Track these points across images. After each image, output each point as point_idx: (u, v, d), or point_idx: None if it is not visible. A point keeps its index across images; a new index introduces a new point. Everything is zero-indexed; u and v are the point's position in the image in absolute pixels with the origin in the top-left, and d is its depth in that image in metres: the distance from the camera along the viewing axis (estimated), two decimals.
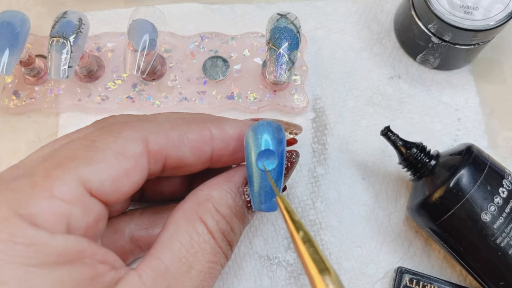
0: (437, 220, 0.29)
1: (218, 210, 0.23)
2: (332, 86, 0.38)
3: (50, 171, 0.20)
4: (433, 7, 0.33)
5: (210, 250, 0.22)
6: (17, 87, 0.37)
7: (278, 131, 0.23)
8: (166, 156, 0.23)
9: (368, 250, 0.34)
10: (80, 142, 0.21)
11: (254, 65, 0.38)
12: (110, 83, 0.37)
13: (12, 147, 0.36)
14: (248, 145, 0.23)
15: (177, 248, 0.21)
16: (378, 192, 0.35)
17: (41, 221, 0.18)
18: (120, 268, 0.21)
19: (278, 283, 0.33)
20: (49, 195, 0.19)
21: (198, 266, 0.22)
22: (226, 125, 0.25)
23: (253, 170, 0.23)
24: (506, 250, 0.28)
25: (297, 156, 0.28)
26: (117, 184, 0.21)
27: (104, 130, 0.22)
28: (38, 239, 0.18)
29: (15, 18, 0.33)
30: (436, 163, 0.31)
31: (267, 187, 0.23)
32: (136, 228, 0.28)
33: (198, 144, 0.24)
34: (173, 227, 0.22)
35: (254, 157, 0.23)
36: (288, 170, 0.27)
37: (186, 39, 0.39)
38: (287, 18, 0.33)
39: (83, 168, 0.20)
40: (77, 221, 0.20)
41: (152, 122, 0.23)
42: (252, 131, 0.23)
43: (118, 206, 0.28)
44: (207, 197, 0.23)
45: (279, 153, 0.23)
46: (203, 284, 0.22)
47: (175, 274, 0.21)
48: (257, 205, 0.23)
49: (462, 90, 0.38)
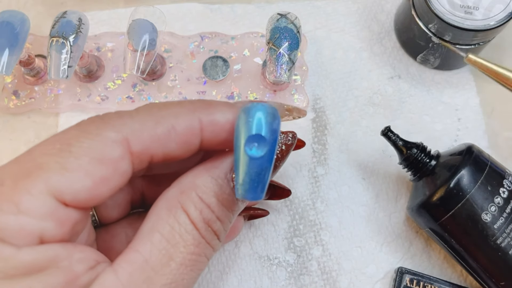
0: (438, 220, 0.29)
1: (202, 198, 0.22)
2: (332, 86, 0.38)
3: (19, 180, 0.19)
4: (433, 7, 0.33)
5: (192, 241, 0.21)
6: (16, 87, 0.37)
7: (273, 115, 0.21)
8: (152, 154, 0.22)
9: (368, 250, 0.34)
10: (55, 145, 0.20)
11: (254, 65, 0.38)
12: (110, 83, 0.37)
13: (11, 147, 0.36)
14: (238, 128, 0.21)
15: (157, 239, 0.20)
16: (378, 192, 0.35)
17: (7, 237, 0.18)
18: (100, 264, 0.20)
19: (278, 283, 0.33)
20: (16, 210, 0.18)
21: (178, 258, 0.21)
22: (217, 112, 0.23)
23: (240, 155, 0.21)
24: (507, 250, 0.28)
25: (294, 138, 0.25)
26: (93, 192, 0.20)
27: (82, 130, 0.21)
28: (4, 254, 0.18)
29: (15, 18, 0.33)
30: (437, 163, 0.31)
31: (253, 174, 0.21)
32: (132, 233, 0.27)
33: (186, 137, 0.22)
34: (154, 217, 0.21)
35: (243, 141, 0.21)
36: (283, 154, 0.25)
37: (186, 39, 0.38)
38: (287, 18, 0.33)
39: (55, 179, 0.19)
40: (51, 233, 0.19)
41: (135, 118, 0.22)
42: (244, 113, 0.21)
43: (116, 213, 0.27)
44: (190, 185, 0.22)
45: (271, 140, 0.21)
46: (183, 277, 0.21)
47: (154, 267, 0.20)
48: (241, 193, 0.21)
49: (462, 90, 0.38)
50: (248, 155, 0.21)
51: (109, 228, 0.27)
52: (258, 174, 0.21)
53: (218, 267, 0.33)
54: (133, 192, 0.28)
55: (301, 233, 0.34)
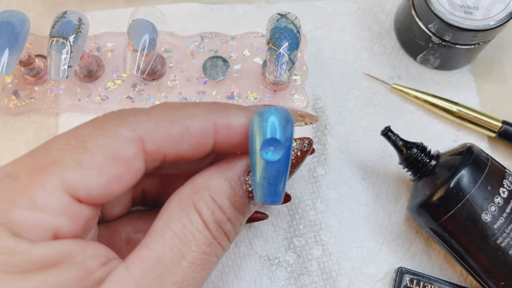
0: (438, 220, 0.29)
1: (215, 199, 0.22)
2: (332, 86, 0.38)
3: (34, 176, 0.19)
4: (433, 7, 0.33)
5: (203, 241, 0.21)
6: (16, 87, 0.37)
7: (287, 119, 0.22)
8: (165, 154, 0.22)
9: (368, 250, 0.34)
10: (70, 141, 0.20)
11: (254, 65, 0.38)
12: (110, 83, 0.37)
13: (11, 147, 0.36)
14: (253, 132, 0.22)
15: (169, 237, 0.21)
16: (378, 192, 0.35)
17: (22, 232, 0.18)
18: (112, 261, 0.20)
19: (278, 283, 0.33)
20: (31, 206, 0.18)
21: (190, 257, 0.21)
22: (231, 116, 0.23)
23: (256, 159, 0.21)
24: (507, 250, 0.28)
25: (310, 145, 0.25)
26: (106, 190, 0.20)
27: (98, 127, 0.21)
28: (19, 248, 0.18)
29: (15, 18, 0.33)
30: (437, 163, 0.31)
31: (271, 178, 0.21)
32: (132, 231, 0.27)
33: (200, 139, 0.22)
34: (166, 215, 0.22)
35: (258, 145, 0.21)
36: (298, 160, 0.25)
37: (186, 39, 0.38)
38: (287, 18, 0.33)
39: (70, 175, 0.19)
40: (65, 229, 0.19)
41: (150, 117, 0.22)
42: (259, 116, 0.22)
43: (118, 210, 0.28)
44: (204, 185, 0.22)
45: (286, 143, 0.21)
46: (194, 275, 0.21)
47: (166, 265, 0.20)
48: (259, 197, 0.22)
49: (462, 90, 0.38)
50: (265, 159, 0.21)
51: (110, 226, 0.27)
52: (276, 178, 0.21)
53: (218, 267, 0.33)
54: (135, 189, 0.28)
55: (301, 233, 0.34)
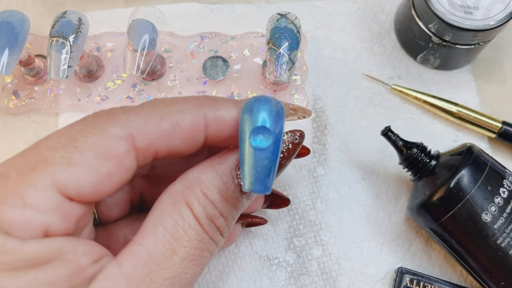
0: (438, 221, 0.29)
1: (206, 194, 0.22)
2: (332, 86, 0.38)
3: (24, 174, 0.19)
4: (433, 7, 0.33)
5: (195, 236, 0.21)
6: (16, 87, 0.37)
7: (277, 108, 0.21)
8: (156, 150, 0.22)
9: (368, 250, 0.34)
10: (60, 139, 0.20)
11: (254, 65, 0.38)
12: (110, 83, 0.37)
13: (11, 147, 0.36)
14: (243, 121, 0.21)
15: (161, 233, 0.21)
16: (378, 193, 0.35)
17: (12, 230, 0.18)
18: (104, 257, 0.20)
19: (278, 284, 0.33)
20: (21, 204, 0.18)
21: (181, 253, 0.21)
22: (222, 109, 0.23)
23: (245, 147, 0.21)
24: (507, 250, 0.28)
25: (301, 137, 0.25)
26: (98, 187, 0.20)
27: (88, 126, 0.21)
28: (9, 246, 0.18)
29: (15, 18, 0.33)
30: (437, 163, 0.31)
31: (259, 166, 0.21)
32: (130, 233, 0.27)
33: (191, 133, 0.22)
34: (158, 211, 0.22)
35: (247, 133, 0.21)
36: (290, 153, 0.25)
37: (186, 39, 0.38)
38: (287, 18, 0.33)
39: (60, 173, 0.19)
40: (56, 227, 0.19)
41: (140, 113, 0.22)
42: (249, 105, 0.21)
43: (116, 212, 0.27)
44: (195, 181, 0.22)
45: (275, 131, 0.21)
46: (186, 271, 0.21)
47: (157, 261, 0.20)
48: (247, 185, 0.21)
49: (462, 90, 0.38)
50: (253, 147, 0.21)
51: (108, 228, 0.27)
52: (264, 166, 0.21)
53: (218, 267, 0.33)
54: (133, 192, 0.28)
55: (301, 233, 0.34)
